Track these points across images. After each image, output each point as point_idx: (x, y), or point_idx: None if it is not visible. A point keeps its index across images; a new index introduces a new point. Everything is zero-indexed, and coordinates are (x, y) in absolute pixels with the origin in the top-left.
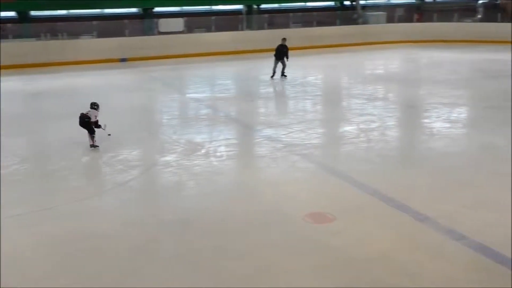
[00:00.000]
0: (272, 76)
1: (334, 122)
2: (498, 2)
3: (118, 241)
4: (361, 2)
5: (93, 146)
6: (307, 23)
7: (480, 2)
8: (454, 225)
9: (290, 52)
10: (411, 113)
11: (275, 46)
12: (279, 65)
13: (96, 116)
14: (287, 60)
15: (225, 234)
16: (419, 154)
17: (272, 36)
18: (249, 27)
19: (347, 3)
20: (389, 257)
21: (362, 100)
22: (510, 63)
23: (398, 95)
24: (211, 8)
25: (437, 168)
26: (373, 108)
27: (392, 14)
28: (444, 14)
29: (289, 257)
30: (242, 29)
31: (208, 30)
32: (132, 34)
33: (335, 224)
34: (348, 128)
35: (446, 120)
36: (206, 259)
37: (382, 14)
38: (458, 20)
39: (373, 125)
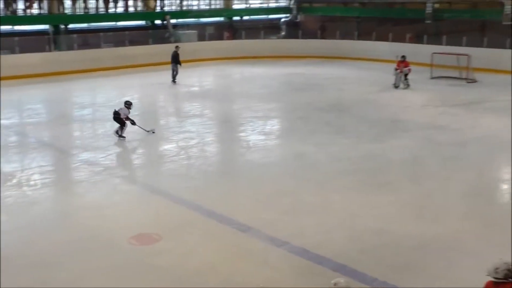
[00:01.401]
0: (172, 81)
1: (153, 141)
2: (298, 20)
3: None
4: (172, 21)
5: (121, 136)
6: (119, 43)
7: (283, 20)
8: (276, 232)
9: (106, 72)
10: (227, 128)
11: (87, 67)
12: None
13: (125, 114)
14: (180, 66)
15: (48, 266)
16: (238, 167)
17: (84, 57)
18: (58, 48)
19: (158, 22)
20: (217, 269)
21: (180, 117)
22: (312, 76)
23: (214, 111)
24: (12, 28)
25: (256, 179)
26: (191, 125)
27: (203, 32)
28: (252, 31)
29: (118, 283)
30: (50, 50)
31: (12, 51)
32: None
33: (162, 244)
34: (167, 146)
35: (260, 133)
36: None
37: (193, 32)
38: (265, 37)
39: (192, 142)
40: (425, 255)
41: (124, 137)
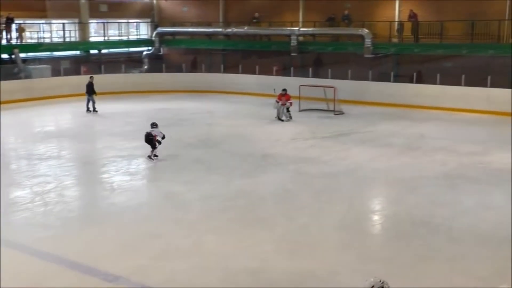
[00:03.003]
0: (87, 111)
1: (2, 188)
2: (161, 53)
3: None
4: (21, 55)
5: (155, 156)
6: None
7: (145, 53)
8: (146, 279)
9: None
10: (88, 169)
11: None
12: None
13: (161, 132)
14: (95, 95)
15: None
16: (102, 211)
17: None
18: None
19: (4, 56)
20: None
21: (34, 160)
22: (179, 111)
23: (73, 152)
24: None
25: (122, 223)
26: (47, 168)
27: (57, 67)
28: (112, 65)
29: None
30: None
31: None
32: None
33: None
34: (20, 193)
35: (125, 173)
36: None
37: (46, 67)
38: (126, 71)
39: (49, 187)
40: None
41: (157, 156)
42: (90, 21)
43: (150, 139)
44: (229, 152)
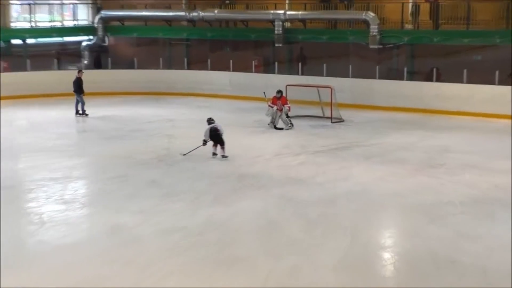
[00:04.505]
0: (76, 114)
1: None
2: (106, 44)
3: None
4: None
5: (224, 156)
6: None
7: (85, 44)
8: None
9: None
10: (9, 196)
11: None
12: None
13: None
14: (83, 95)
15: None
16: (27, 252)
17: None
18: None
19: None
20: None
21: None
22: (129, 118)
23: None
24: None
25: (54, 267)
26: None
27: None
28: (41, 60)
29: None
30: None
31: None
32: None
33: None
34: None
35: (59, 201)
36: None
37: None
38: (60, 68)
39: None
40: None
41: (227, 156)
42: (11, 1)
43: (217, 135)
44: (196, 172)
